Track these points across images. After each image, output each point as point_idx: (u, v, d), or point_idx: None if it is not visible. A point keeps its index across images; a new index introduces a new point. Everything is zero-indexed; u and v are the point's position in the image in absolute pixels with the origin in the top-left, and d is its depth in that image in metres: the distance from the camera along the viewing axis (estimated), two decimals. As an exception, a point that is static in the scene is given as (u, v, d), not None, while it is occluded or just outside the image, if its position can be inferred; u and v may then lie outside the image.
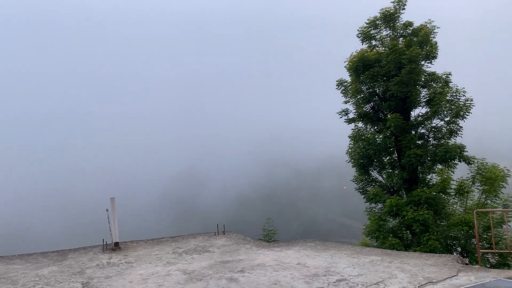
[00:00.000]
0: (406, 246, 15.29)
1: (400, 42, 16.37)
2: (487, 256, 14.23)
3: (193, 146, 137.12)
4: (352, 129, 17.56)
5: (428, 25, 15.81)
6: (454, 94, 15.47)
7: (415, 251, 13.68)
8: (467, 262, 7.33)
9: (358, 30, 17.10)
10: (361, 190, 17.22)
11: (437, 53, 15.61)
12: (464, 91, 15.31)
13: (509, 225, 15.49)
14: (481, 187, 15.11)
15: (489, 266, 14.19)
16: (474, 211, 7.20)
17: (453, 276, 6.42)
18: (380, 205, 16.28)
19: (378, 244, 15.45)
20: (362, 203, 17.20)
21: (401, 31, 16.40)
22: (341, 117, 17.33)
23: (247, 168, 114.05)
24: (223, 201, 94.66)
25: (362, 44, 17.15)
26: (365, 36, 16.84)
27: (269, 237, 16.74)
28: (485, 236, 14.77)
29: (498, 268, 14.34)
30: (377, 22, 16.49)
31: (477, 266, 7.44)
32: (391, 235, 15.14)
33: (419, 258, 7.81)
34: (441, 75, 16.12)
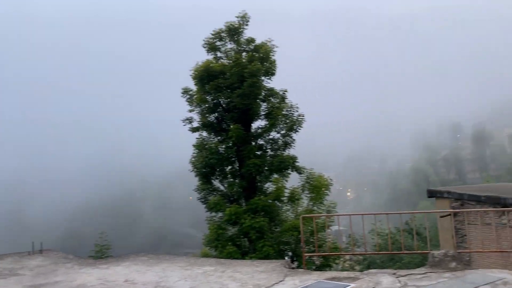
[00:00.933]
0: (243, 253, 15.74)
1: (243, 56, 17.09)
2: (312, 258, 15.61)
3: (20, 158, 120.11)
4: (196, 138, 17.52)
5: (268, 43, 16.88)
6: (289, 109, 16.78)
7: (251, 258, 14.21)
8: (294, 266, 7.74)
9: (204, 40, 17.26)
10: (203, 200, 17.20)
11: (275, 70, 16.76)
12: (297, 107, 16.75)
13: (330, 229, 17.42)
14: (309, 195, 16.65)
15: (314, 268, 15.62)
16: (300, 216, 7.65)
17: (280, 281, 6.63)
18: (220, 214, 16.52)
19: (217, 253, 15.62)
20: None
21: (245, 46, 17.14)
22: (184, 125, 17.12)
23: (86, 180, 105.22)
24: (55, 215, 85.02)
25: (208, 54, 17.36)
26: (211, 47, 17.10)
27: (102, 253, 15.35)
28: (312, 239, 16.31)
29: (320, 269, 15.90)
30: (222, 34, 16.91)
31: (302, 269, 7.88)
32: (230, 243, 15.44)
33: (251, 266, 7.92)
34: (279, 91, 17.34)
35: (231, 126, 16.02)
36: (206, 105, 17.09)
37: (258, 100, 16.81)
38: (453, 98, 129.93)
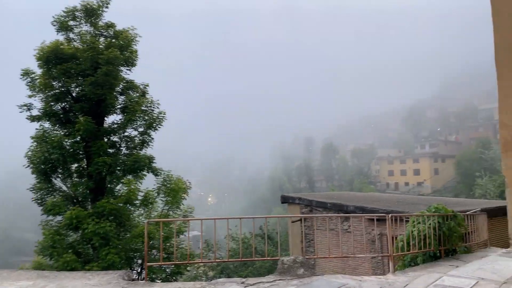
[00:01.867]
0: (85, 262, 13.90)
1: (101, 42, 15.34)
2: (163, 266, 14.59)
3: None
4: (36, 129, 15.00)
5: (130, 31, 15.46)
6: (149, 105, 15.58)
7: (92, 267, 12.56)
8: (135, 277, 6.73)
9: (53, 17, 14.96)
10: (39, 201, 14.76)
11: (136, 61, 15.41)
12: (158, 103, 15.66)
13: (185, 235, 16.65)
14: (165, 198, 15.65)
15: (164, 277, 14.65)
16: (146, 221, 6.70)
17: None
18: (60, 218, 14.37)
19: (53, 263, 13.51)
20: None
21: (103, 31, 15.41)
22: (21, 112, 14.51)
23: None
24: None
25: (57, 34, 15.11)
26: (62, 25, 14.91)
27: None
28: (168, 244, 15.34)
29: (171, 278, 14.98)
30: (77, 13, 14.90)
31: (143, 281, 6.93)
32: (70, 251, 13.50)
33: (82, 278, 6.66)
34: (139, 85, 16.01)
35: (80, 118, 14.10)
36: (52, 92, 14.80)
37: (114, 93, 15.24)
38: (309, 114, 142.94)
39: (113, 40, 15.06)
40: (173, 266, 15.15)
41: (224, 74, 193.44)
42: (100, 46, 14.79)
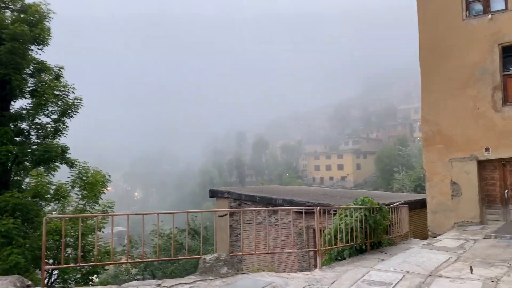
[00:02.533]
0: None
1: (6, 16, 13.51)
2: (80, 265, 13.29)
3: None
4: None
5: (43, 6, 13.79)
6: (63, 89, 14.07)
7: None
8: (29, 283, 5.74)
9: None
10: None
11: (48, 39, 13.79)
12: (73, 88, 14.20)
13: (103, 232, 15.41)
14: (81, 192, 14.32)
15: (78, 277, 13.39)
16: (44, 218, 5.73)
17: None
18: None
19: None
20: None
21: (9, 3, 13.58)
22: None
23: None
24: None
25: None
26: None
27: None
28: (84, 242, 14.05)
29: (85, 279, 13.75)
30: (-23, -20, 12.97)
31: (39, 287, 5.96)
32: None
33: (-37, 287, 5.52)
34: (53, 67, 14.39)
35: (-22, 101, 12.31)
36: None
37: (24, 75, 13.53)
38: (241, 109, 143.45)
39: (21, 15, 13.32)
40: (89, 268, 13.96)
41: (157, 67, 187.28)
42: (7, 21, 13.02)
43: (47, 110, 13.76)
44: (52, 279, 14.18)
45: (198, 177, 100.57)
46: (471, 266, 6.33)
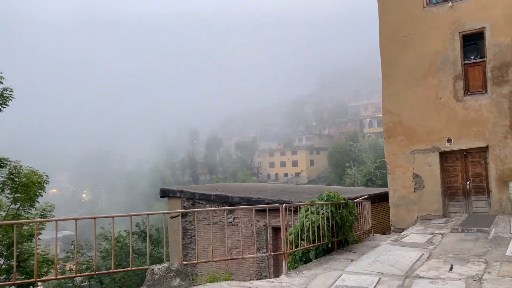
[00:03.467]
0: None
1: None
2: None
3: None
4: None
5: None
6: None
7: None
8: None
9: None
10: None
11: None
12: (2, 77, 12.53)
13: (39, 238, 13.83)
14: (13, 195, 12.70)
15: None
16: None
17: None
18: None
19: None
20: None
21: None
22: None
23: None
24: None
25: None
26: None
27: None
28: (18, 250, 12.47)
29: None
30: None
31: None
32: None
33: None
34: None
35: None
36: None
37: None
38: (194, 107, 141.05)
39: None
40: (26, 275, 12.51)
41: (103, 63, 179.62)
42: None
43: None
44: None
45: (149, 176, 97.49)
46: (452, 265, 5.82)
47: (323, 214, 7.24)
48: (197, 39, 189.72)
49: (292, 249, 6.59)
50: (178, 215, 14.76)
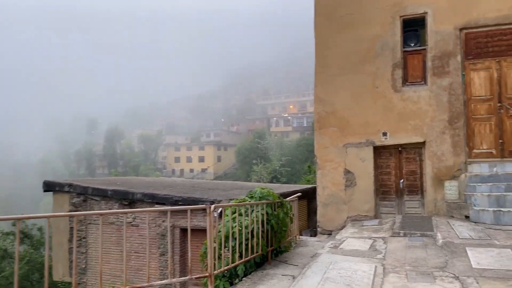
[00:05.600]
0: None
1: None
2: None
3: None
4: None
5: None
6: None
7: None
8: None
9: None
10: None
11: None
12: None
13: None
14: None
15: None
16: None
17: None
18: None
19: None
20: None
21: None
22: None
23: None
24: None
25: None
26: None
27: None
28: None
29: None
30: None
31: None
32: None
33: None
34: None
35: None
36: None
37: None
38: (92, 97, 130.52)
39: None
40: None
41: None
42: None
43: None
44: None
45: (38, 168, 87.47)
46: (418, 284, 4.52)
47: (256, 216, 5.57)
48: (105, 29, 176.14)
49: (222, 267, 4.77)
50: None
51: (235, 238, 5.15)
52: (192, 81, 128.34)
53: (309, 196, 14.01)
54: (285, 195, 8.48)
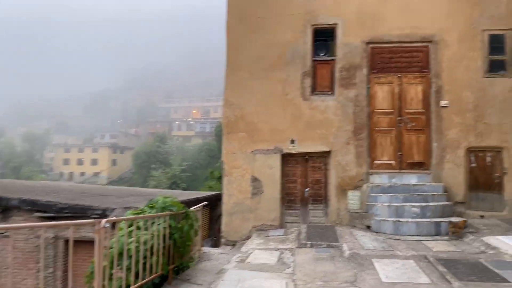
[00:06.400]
0: None
1: None
2: None
3: None
4: None
5: None
6: None
7: None
8: None
9: None
10: None
11: None
12: None
13: None
14: None
15: None
16: None
17: None
18: None
19: None
20: None
21: None
22: None
23: None
24: None
25: None
26: None
27: None
28: None
29: None
30: None
31: None
32: None
33: None
34: None
35: None
36: None
37: None
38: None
39: None
40: None
41: None
42: None
43: None
44: None
45: None
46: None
47: (158, 230, 4.82)
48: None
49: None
50: None
51: (131, 256, 4.35)
52: (88, 78, 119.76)
53: (211, 204, 13.44)
54: (188, 203, 7.78)
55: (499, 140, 8.82)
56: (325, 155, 9.35)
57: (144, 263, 4.53)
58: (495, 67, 8.93)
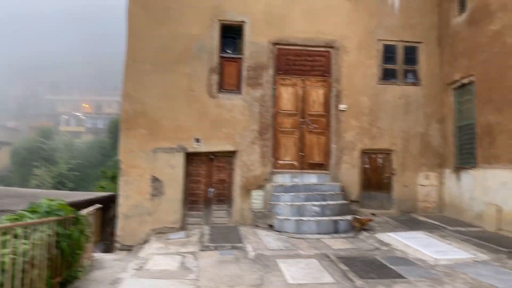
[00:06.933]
0: None
1: None
2: None
3: None
4: None
5: None
6: None
7: None
8: None
9: None
10: None
11: None
12: None
13: None
14: None
15: None
16: None
17: None
18: None
19: None
20: None
21: None
22: None
23: None
24: None
25: None
26: None
27: None
28: None
29: None
30: None
31: None
32: None
33: None
34: None
35: None
36: None
37: None
38: None
39: None
40: None
41: None
42: None
43: None
44: None
45: None
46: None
47: (41, 239, 4.10)
48: None
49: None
50: None
51: (4, 270, 3.60)
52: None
53: (104, 205, 12.36)
54: (77, 205, 6.93)
55: (389, 143, 9.55)
56: (231, 154, 9.17)
57: (22, 278, 3.80)
58: (387, 75, 9.67)
